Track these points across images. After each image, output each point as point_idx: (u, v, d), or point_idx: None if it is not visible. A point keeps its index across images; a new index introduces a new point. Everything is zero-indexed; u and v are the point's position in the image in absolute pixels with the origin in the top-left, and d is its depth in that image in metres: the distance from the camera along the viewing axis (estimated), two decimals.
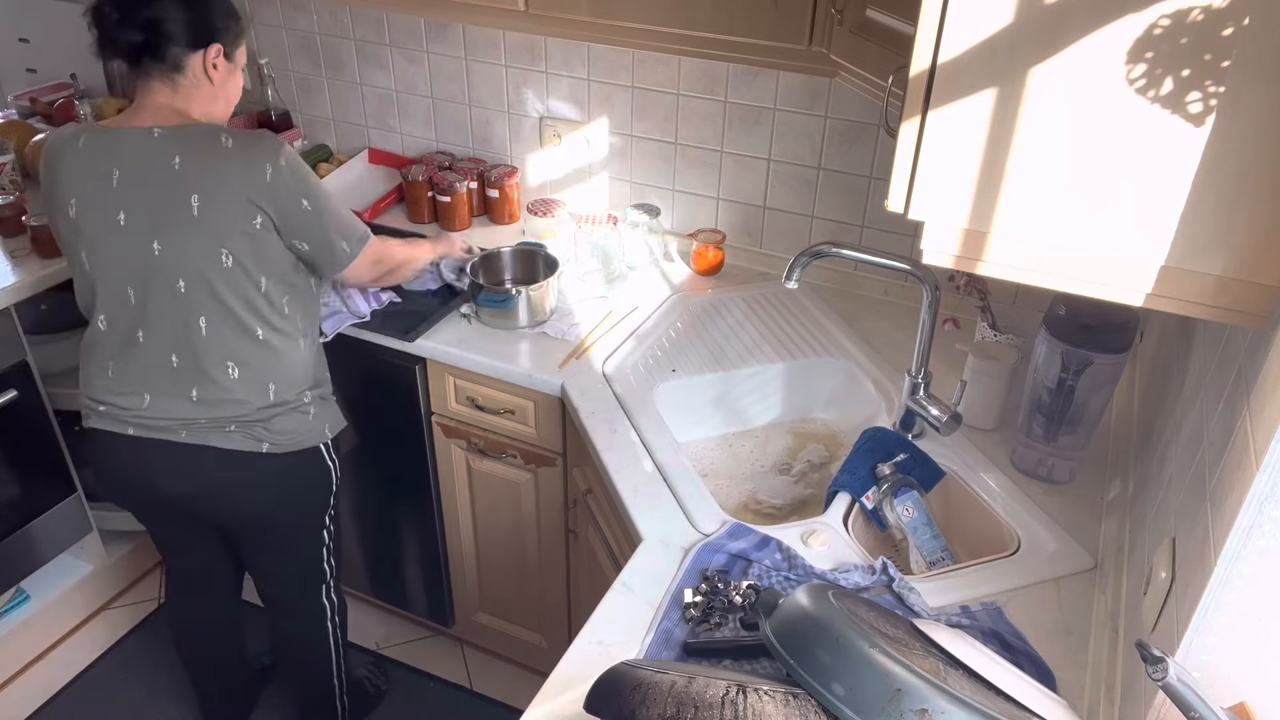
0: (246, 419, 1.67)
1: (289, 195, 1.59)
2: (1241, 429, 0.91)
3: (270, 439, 1.70)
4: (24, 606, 2.42)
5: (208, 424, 1.66)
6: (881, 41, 1.44)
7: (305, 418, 1.74)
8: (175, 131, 1.57)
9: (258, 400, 1.67)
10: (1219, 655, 0.91)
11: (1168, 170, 0.94)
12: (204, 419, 1.66)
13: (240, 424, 1.67)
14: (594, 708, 0.92)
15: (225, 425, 1.67)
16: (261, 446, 1.69)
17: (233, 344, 1.63)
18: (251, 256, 1.59)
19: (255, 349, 1.65)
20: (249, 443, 1.68)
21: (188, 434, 1.66)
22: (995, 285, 1.87)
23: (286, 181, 1.58)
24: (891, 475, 1.54)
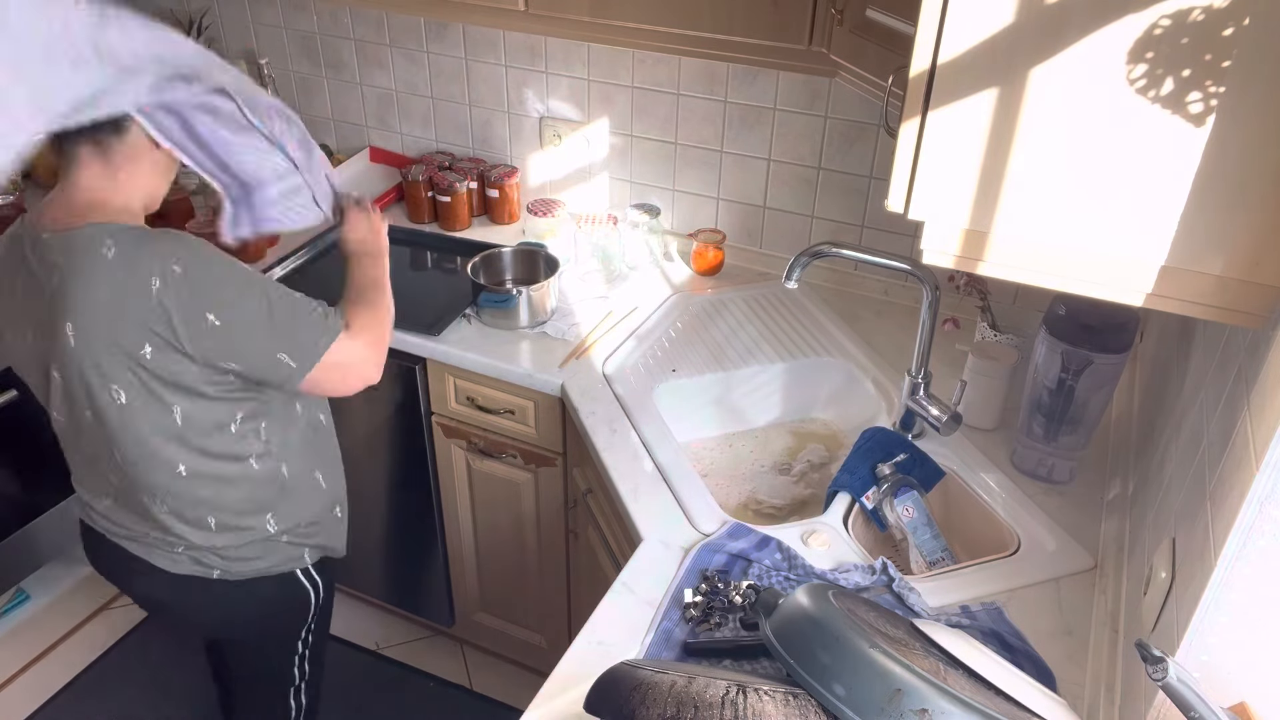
0: (189, 542, 1.45)
1: (187, 311, 1.26)
2: (1241, 429, 0.91)
3: (222, 566, 1.48)
4: (24, 606, 2.42)
5: (157, 540, 1.46)
6: (881, 41, 1.44)
7: (273, 545, 1.51)
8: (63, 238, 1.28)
9: (199, 534, 1.44)
10: (1219, 655, 0.91)
11: (1168, 170, 0.94)
12: (154, 534, 1.46)
13: (186, 548, 1.46)
14: (594, 708, 0.92)
15: (174, 547, 1.46)
16: (211, 573, 1.48)
17: (154, 478, 1.39)
18: (144, 387, 1.31)
19: (183, 484, 1.40)
20: (196, 568, 1.47)
21: (141, 547, 1.48)
22: (995, 285, 1.87)
23: (181, 295, 1.26)
24: (891, 475, 1.54)
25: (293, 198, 1.46)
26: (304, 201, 1.48)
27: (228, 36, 2.59)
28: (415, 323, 1.97)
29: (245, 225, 1.45)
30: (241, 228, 1.45)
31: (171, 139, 1.29)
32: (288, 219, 1.48)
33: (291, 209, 1.48)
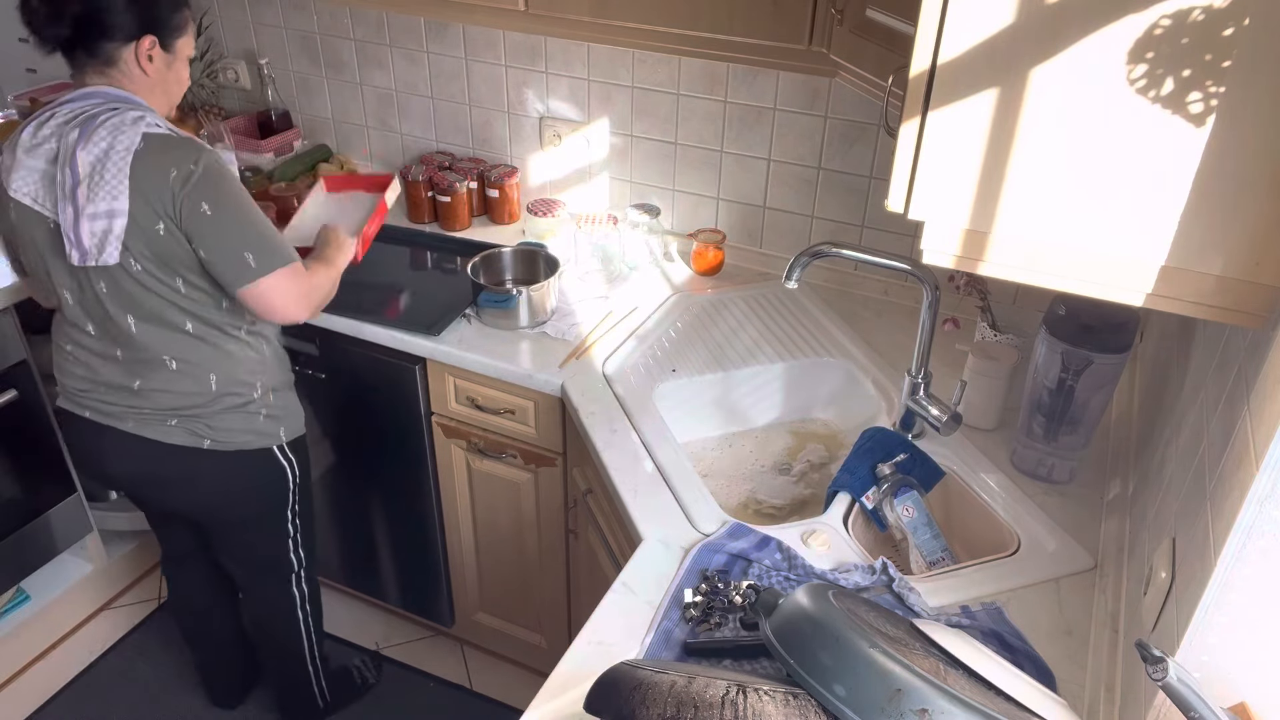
0: (187, 412, 1.66)
1: (189, 199, 1.50)
2: (1241, 429, 0.91)
3: (212, 435, 1.69)
4: (24, 606, 2.42)
5: (151, 414, 1.66)
6: (881, 41, 1.44)
7: (254, 419, 1.72)
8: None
9: (199, 391, 1.65)
10: (1219, 655, 0.91)
11: (1168, 170, 0.94)
12: (147, 408, 1.66)
13: (181, 418, 1.67)
14: (594, 708, 0.92)
15: (167, 419, 1.67)
16: (203, 443, 1.68)
17: (164, 339, 1.61)
18: (157, 260, 1.54)
19: (190, 343, 1.63)
20: (189, 438, 1.68)
21: (134, 423, 1.67)
22: (995, 285, 1.87)
23: (190, 185, 1.50)
24: (891, 475, 1.54)
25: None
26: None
27: (228, 36, 2.59)
28: (415, 323, 1.97)
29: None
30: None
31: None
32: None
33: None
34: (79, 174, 1.48)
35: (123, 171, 1.47)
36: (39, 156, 1.52)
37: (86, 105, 1.53)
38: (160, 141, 1.51)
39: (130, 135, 1.49)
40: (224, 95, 2.69)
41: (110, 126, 1.49)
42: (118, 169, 1.47)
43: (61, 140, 1.50)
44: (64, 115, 1.52)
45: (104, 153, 1.48)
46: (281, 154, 2.53)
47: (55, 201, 1.51)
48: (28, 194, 1.54)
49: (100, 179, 1.48)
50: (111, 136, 1.49)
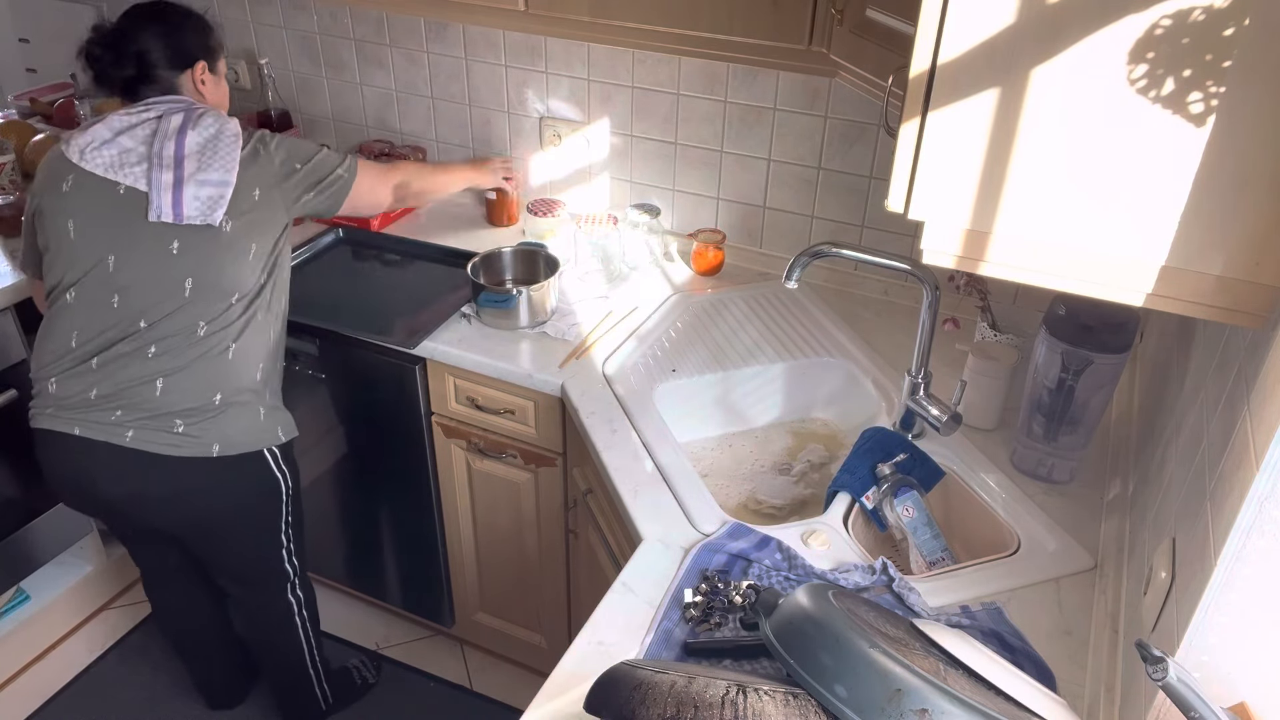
0: (198, 406, 1.68)
1: (283, 166, 1.75)
2: (1241, 429, 0.91)
3: (219, 437, 1.70)
4: (24, 606, 2.42)
5: (162, 418, 1.66)
6: (881, 41, 1.44)
7: (255, 416, 1.75)
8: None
9: (217, 372, 1.69)
10: (1219, 655, 0.91)
11: (1168, 170, 0.94)
12: (160, 412, 1.66)
13: (188, 420, 1.67)
14: (594, 708, 0.92)
15: (174, 424, 1.67)
16: (212, 449, 1.69)
17: (211, 302, 1.68)
18: (247, 225, 1.70)
19: (230, 311, 1.69)
20: (197, 447, 1.68)
21: (134, 435, 1.66)
22: (995, 285, 1.87)
23: (277, 156, 1.74)
24: (891, 475, 1.54)
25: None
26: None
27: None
28: (414, 323, 1.97)
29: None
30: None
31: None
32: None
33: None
34: (185, 150, 1.66)
35: (234, 152, 1.69)
36: (133, 137, 1.68)
37: (181, 103, 1.73)
38: (246, 132, 1.75)
39: (233, 125, 1.73)
40: None
41: (215, 116, 1.73)
42: (229, 149, 1.69)
43: (163, 123, 1.69)
44: (160, 109, 1.71)
45: (214, 135, 1.69)
46: None
47: (146, 170, 1.65)
48: (100, 164, 1.66)
49: (214, 154, 1.68)
50: (219, 124, 1.71)
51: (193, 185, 1.65)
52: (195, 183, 1.65)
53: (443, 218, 2.42)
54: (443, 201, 2.41)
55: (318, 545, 2.46)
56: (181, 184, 1.65)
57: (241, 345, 1.70)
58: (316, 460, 2.27)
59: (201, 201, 1.66)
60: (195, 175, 1.66)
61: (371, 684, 2.36)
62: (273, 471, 1.80)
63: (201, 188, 1.66)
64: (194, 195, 1.65)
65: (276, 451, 1.80)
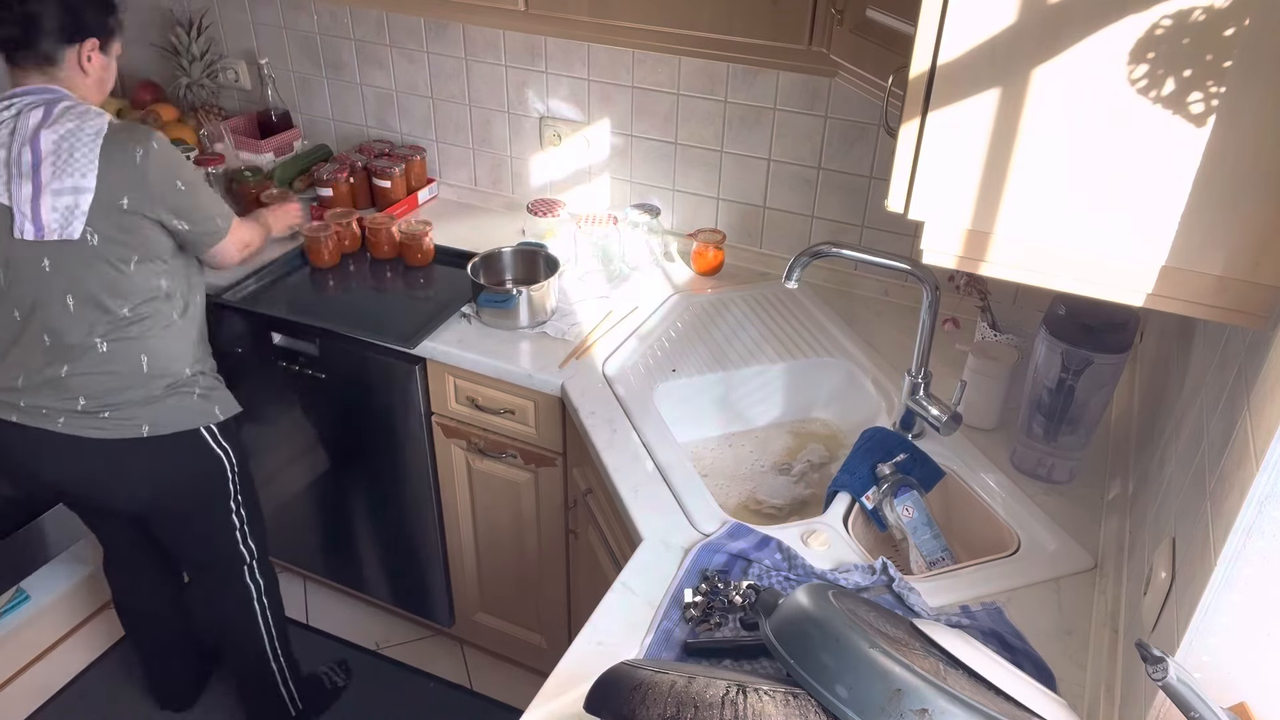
0: (120, 398, 1.67)
1: (160, 177, 1.61)
2: (1241, 429, 0.91)
3: (149, 420, 1.70)
4: (24, 606, 2.41)
5: (84, 408, 1.66)
6: (881, 41, 1.44)
7: (188, 397, 1.74)
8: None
9: (130, 372, 1.67)
10: (1219, 655, 0.91)
11: (1168, 170, 0.94)
12: (82, 398, 1.66)
13: (114, 407, 1.67)
14: (594, 708, 0.92)
15: (99, 411, 1.67)
16: (141, 430, 1.69)
17: (98, 320, 1.63)
18: (118, 236, 1.60)
19: (123, 324, 1.65)
20: (123, 429, 1.68)
21: (65, 420, 1.67)
22: (995, 285, 1.87)
23: (157, 164, 1.61)
24: (891, 475, 1.54)
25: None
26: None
27: (228, 37, 2.59)
28: (412, 323, 1.98)
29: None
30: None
31: None
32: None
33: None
34: (40, 153, 1.55)
35: (93, 152, 1.56)
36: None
37: (42, 96, 1.61)
38: (120, 127, 1.62)
39: (97, 121, 1.59)
40: (224, 95, 2.69)
41: (76, 113, 1.59)
42: (88, 149, 1.56)
43: (20, 121, 1.57)
44: (18, 104, 1.59)
45: (70, 133, 1.56)
46: (281, 154, 2.52)
47: (8, 181, 1.56)
48: None
49: (69, 158, 1.55)
50: (79, 121, 1.58)
51: (49, 195, 1.55)
52: (51, 191, 1.55)
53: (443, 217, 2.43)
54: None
55: (318, 545, 2.46)
56: (39, 194, 1.55)
57: (153, 349, 1.69)
58: (317, 461, 2.27)
59: (59, 213, 1.56)
60: (50, 183, 1.54)
61: (342, 687, 2.33)
62: (212, 449, 1.79)
63: (58, 197, 1.55)
64: (51, 206, 1.55)
65: (214, 429, 1.79)
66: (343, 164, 2.38)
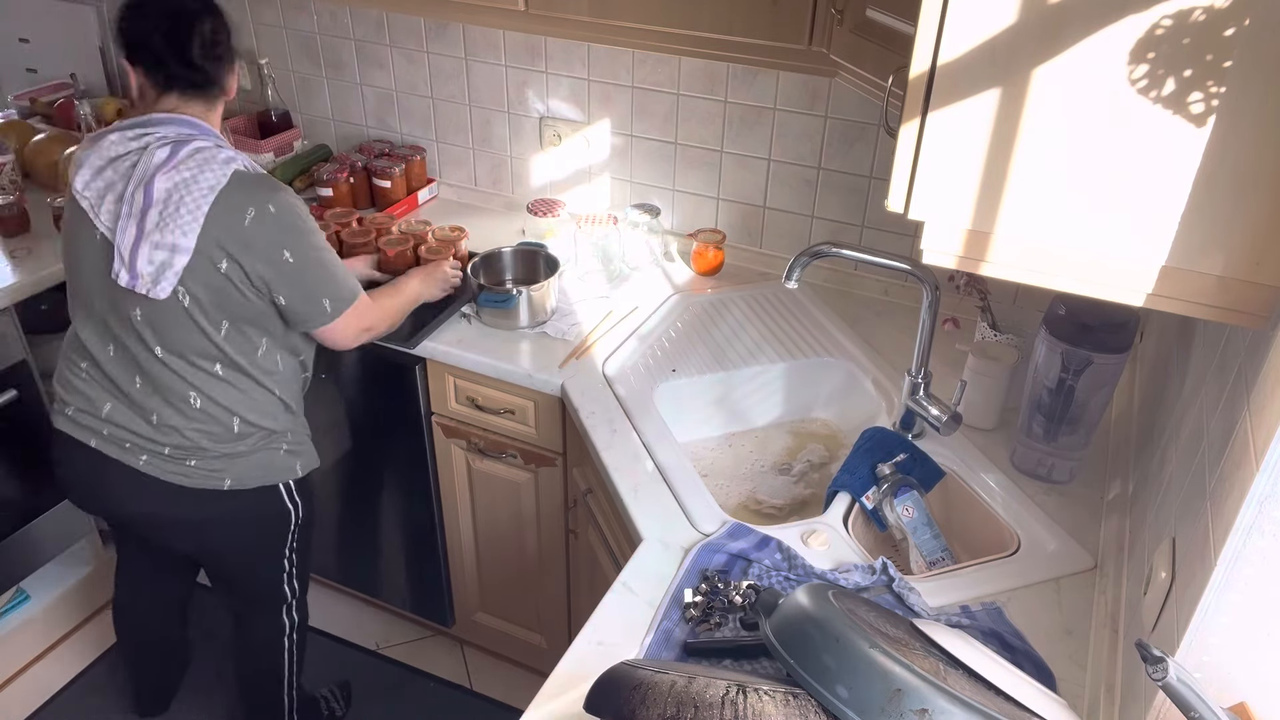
0: (208, 453, 1.64)
1: (268, 244, 1.52)
2: (1241, 429, 0.91)
3: (232, 474, 1.67)
4: (24, 606, 2.42)
5: (170, 454, 1.63)
6: (881, 41, 1.44)
7: (275, 454, 1.72)
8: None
9: (220, 433, 1.64)
10: (1219, 655, 0.91)
11: (1169, 170, 0.94)
12: (168, 447, 1.62)
13: (201, 458, 1.64)
14: (594, 708, 0.92)
15: (186, 459, 1.63)
16: (223, 483, 1.66)
17: (190, 375, 1.59)
18: (211, 300, 1.53)
19: (215, 383, 1.61)
20: (208, 480, 1.65)
21: (147, 461, 1.63)
22: (995, 285, 1.87)
23: (268, 229, 1.51)
24: (891, 475, 1.54)
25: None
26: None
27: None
28: (414, 323, 1.97)
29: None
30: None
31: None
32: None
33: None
34: (153, 197, 1.47)
35: (200, 209, 1.47)
36: (117, 169, 1.52)
37: (175, 131, 1.54)
38: (246, 180, 1.52)
39: (218, 174, 1.50)
40: None
41: (200, 159, 1.50)
42: (195, 205, 1.47)
43: (144, 157, 1.50)
44: (151, 139, 1.52)
45: (184, 183, 1.48)
46: (281, 154, 2.53)
47: (117, 217, 1.50)
48: (88, 200, 1.53)
49: (176, 211, 1.47)
50: (198, 170, 1.49)
51: (148, 245, 1.48)
52: (150, 243, 1.48)
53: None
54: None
55: (318, 545, 2.45)
56: (140, 241, 1.48)
57: (246, 410, 1.65)
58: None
59: (153, 267, 1.48)
60: (151, 234, 1.48)
61: (339, 716, 2.28)
62: (284, 503, 1.77)
63: (155, 250, 1.48)
64: (147, 259, 1.48)
65: (292, 485, 1.77)
66: (343, 164, 2.38)
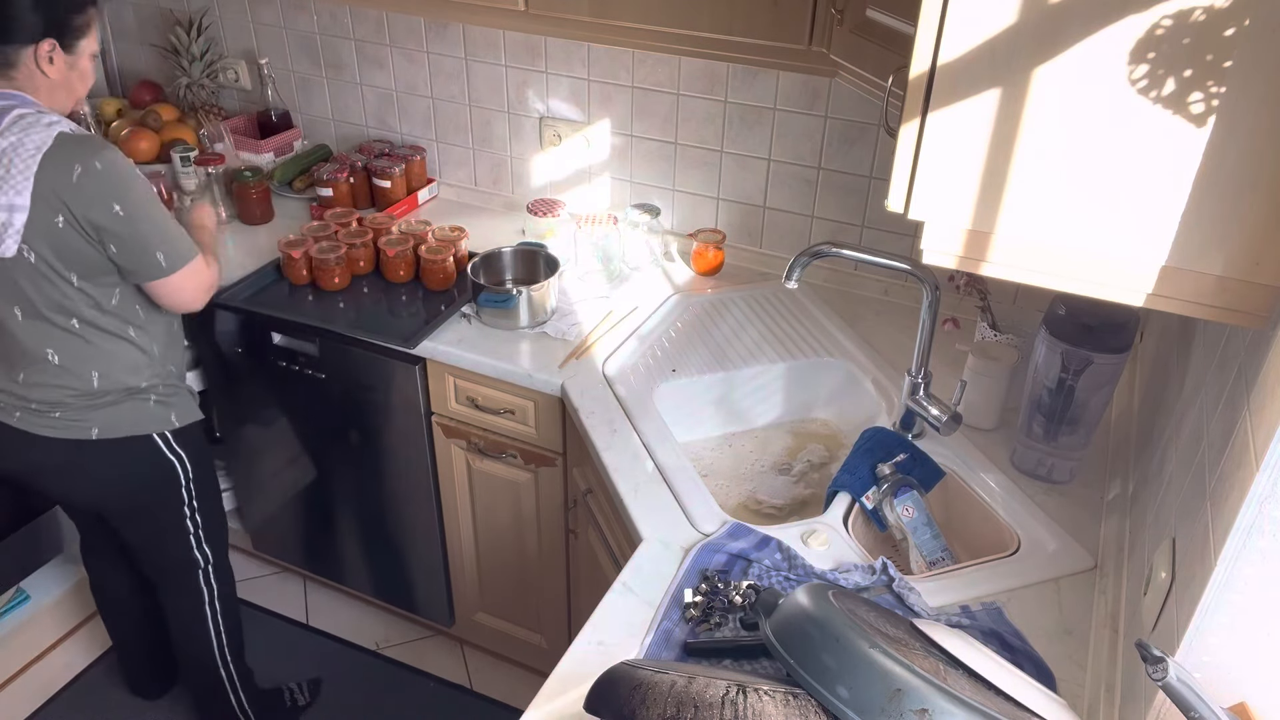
0: (69, 405, 1.68)
1: (96, 196, 1.53)
2: (1241, 429, 0.91)
3: (98, 424, 1.70)
4: (24, 606, 2.42)
5: (36, 409, 1.67)
6: (881, 41, 1.44)
7: (144, 404, 1.74)
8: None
9: (81, 386, 1.67)
10: (1219, 655, 0.91)
11: (1169, 170, 0.94)
12: (34, 402, 1.67)
13: (64, 410, 1.68)
14: (594, 708, 0.92)
15: (51, 411, 1.68)
16: (90, 433, 1.69)
17: (46, 334, 1.63)
18: (55, 254, 1.56)
19: (72, 339, 1.64)
20: (73, 430, 1.69)
21: (20, 417, 1.68)
22: (995, 285, 1.87)
23: (96, 183, 1.53)
24: (891, 475, 1.54)
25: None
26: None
27: (228, 36, 2.59)
28: (412, 323, 1.98)
29: None
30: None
31: None
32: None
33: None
34: None
35: (29, 168, 1.50)
36: None
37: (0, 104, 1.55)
38: (70, 140, 1.54)
39: (42, 135, 1.52)
40: (224, 95, 2.69)
41: (22, 125, 1.53)
42: (25, 165, 1.51)
43: None
44: None
45: (11, 147, 1.51)
46: (281, 154, 2.53)
47: None
48: None
49: (7, 173, 1.51)
50: (21, 134, 1.52)
51: None
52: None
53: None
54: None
55: (318, 545, 2.46)
56: None
57: (106, 363, 1.68)
58: (316, 460, 2.27)
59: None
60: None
61: (303, 706, 2.29)
62: (165, 455, 1.79)
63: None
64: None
65: (169, 435, 1.78)
66: (343, 164, 2.38)
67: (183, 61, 2.56)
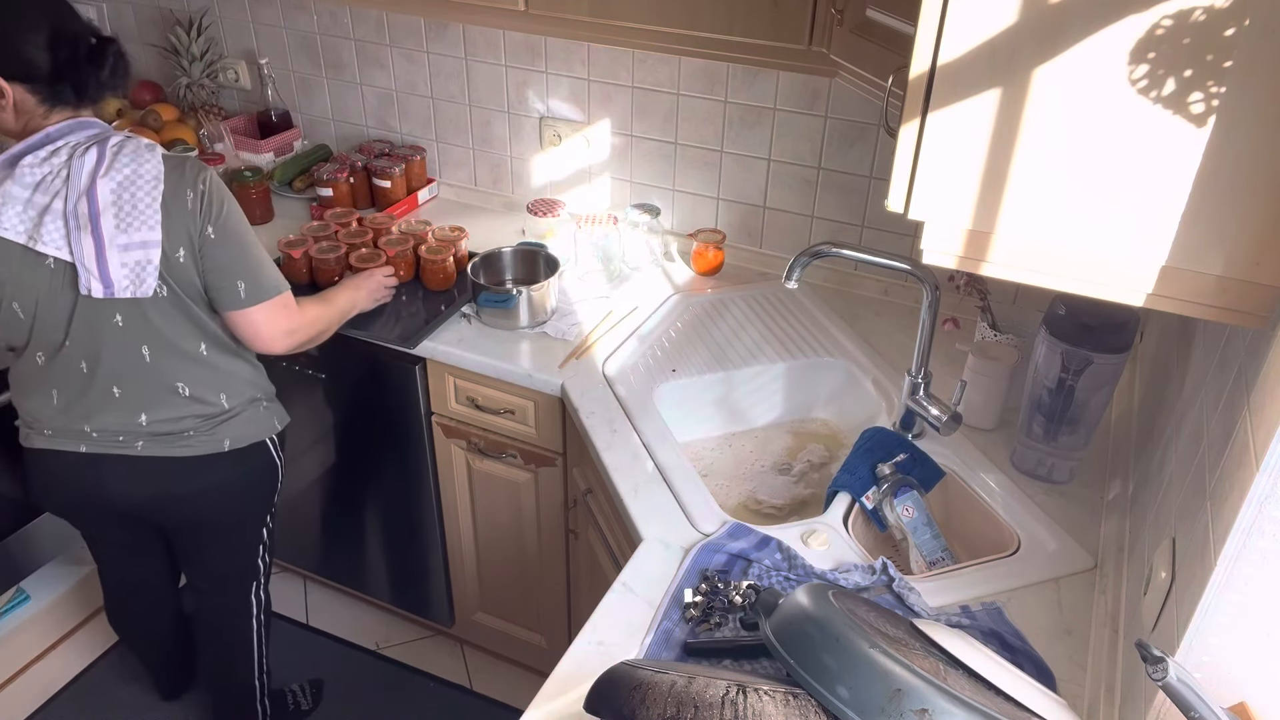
0: (202, 428, 1.68)
1: (203, 222, 1.53)
2: (1241, 429, 0.91)
3: (232, 434, 1.72)
4: (24, 606, 2.42)
5: (165, 435, 1.66)
6: (881, 41, 1.44)
7: (258, 409, 1.77)
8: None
9: (212, 410, 1.68)
10: (1219, 655, 0.91)
11: (1169, 170, 0.94)
12: (162, 434, 1.66)
13: (198, 430, 1.68)
14: (594, 708, 0.92)
15: (184, 433, 1.67)
16: (224, 445, 1.71)
17: (178, 367, 1.62)
18: (179, 284, 1.55)
19: (199, 368, 1.64)
20: (208, 445, 1.69)
21: (144, 446, 1.66)
22: (995, 285, 1.87)
23: (205, 207, 1.53)
24: (891, 475, 1.54)
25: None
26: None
27: (228, 36, 2.59)
28: (412, 323, 1.97)
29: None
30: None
31: None
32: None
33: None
34: (99, 204, 1.45)
35: (155, 200, 1.47)
36: (46, 192, 1.46)
37: (87, 134, 1.51)
38: (172, 162, 1.52)
39: (153, 163, 1.49)
40: (224, 95, 2.69)
41: (130, 153, 1.48)
42: (150, 198, 1.47)
43: (73, 168, 1.46)
44: (64, 150, 1.47)
45: (129, 180, 1.46)
46: (281, 154, 2.53)
47: (66, 235, 1.46)
48: (20, 232, 1.46)
49: (132, 209, 1.46)
50: (135, 163, 1.48)
51: (115, 250, 1.46)
52: (117, 247, 1.46)
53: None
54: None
55: (318, 545, 2.46)
56: (104, 249, 1.46)
57: (230, 381, 1.70)
58: (317, 460, 2.27)
59: (129, 269, 1.48)
60: (116, 238, 1.46)
61: (305, 710, 2.29)
62: (272, 456, 1.82)
63: (126, 252, 1.47)
64: (119, 263, 1.47)
65: (275, 439, 1.82)
66: (343, 164, 2.38)
67: (183, 61, 2.56)
